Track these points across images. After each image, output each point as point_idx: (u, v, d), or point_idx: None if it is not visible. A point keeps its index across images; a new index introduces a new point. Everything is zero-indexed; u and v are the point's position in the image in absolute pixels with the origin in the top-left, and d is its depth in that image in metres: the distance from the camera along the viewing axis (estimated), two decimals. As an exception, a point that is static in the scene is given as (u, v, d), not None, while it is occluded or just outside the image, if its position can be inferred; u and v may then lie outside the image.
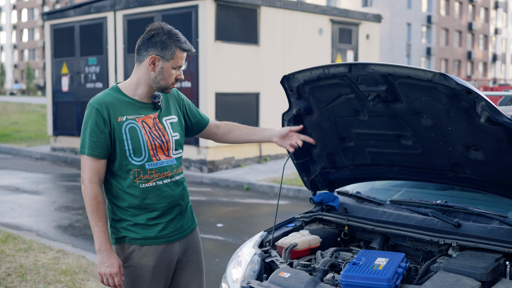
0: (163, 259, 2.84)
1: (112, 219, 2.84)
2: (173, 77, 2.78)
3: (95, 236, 2.73)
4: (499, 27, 68.85)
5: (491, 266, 2.63)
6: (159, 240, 2.82)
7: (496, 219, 2.97)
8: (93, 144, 2.70)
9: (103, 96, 2.76)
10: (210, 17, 12.16)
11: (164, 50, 2.74)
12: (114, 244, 2.84)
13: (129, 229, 2.79)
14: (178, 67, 2.77)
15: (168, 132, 2.85)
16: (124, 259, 2.81)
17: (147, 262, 2.79)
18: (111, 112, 2.72)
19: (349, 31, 15.69)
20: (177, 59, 2.76)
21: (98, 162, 2.72)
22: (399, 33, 51.18)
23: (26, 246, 6.24)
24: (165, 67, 2.75)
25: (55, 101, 15.87)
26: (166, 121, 2.87)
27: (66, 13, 15.40)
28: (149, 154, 2.77)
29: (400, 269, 2.64)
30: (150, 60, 2.75)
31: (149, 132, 2.78)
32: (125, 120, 2.74)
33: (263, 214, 8.80)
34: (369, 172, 3.50)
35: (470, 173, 2.98)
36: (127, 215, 2.79)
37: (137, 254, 2.80)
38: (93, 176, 2.71)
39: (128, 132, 2.73)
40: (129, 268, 2.80)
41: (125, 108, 2.76)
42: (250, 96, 13.30)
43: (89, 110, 2.73)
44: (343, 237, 3.45)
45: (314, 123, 3.30)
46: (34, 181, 11.76)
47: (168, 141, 2.83)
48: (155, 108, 2.84)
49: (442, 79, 2.52)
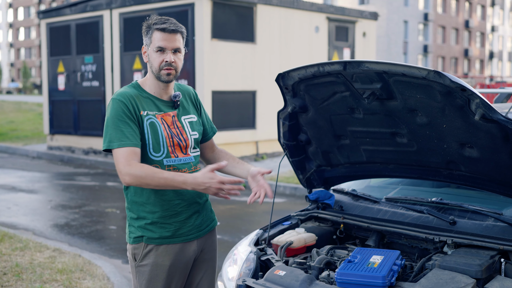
0: (180, 258, 2.82)
1: (130, 217, 2.82)
2: (157, 60, 2.72)
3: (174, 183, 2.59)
4: (495, 25, 68.92)
5: (486, 263, 2.64)
6: (176, 239, 2.80)
7: (491, 216, 2.97)
8: (126, 134, 2.64)
9: (125, 90, 2.75)
10: (206, 15, 12.15)
11: (146, 36, 2.75)
12: (132, 244, 2.81)
13: (147, 228, 2.77)
14: (158, 48, 2.71)
15: (187, 131, 2.84)
16: (141, 258, 2.79)
17: (163, 261, 2.78)
18: (135, 104, 2.70)
19: (346, 28, 15.69)
20: (154, 41, 2.72)
21: (134, 153, 2.63)
22: (396, 31, 51.20)
23: (22, 245, 6.22)
24: (149, 52, 2.75)
25: (52, 99, 15.84)
26: (185, 120, 2.86)
27: (62, 12, 15.36)
28: (167, 151, 2.76)
29: (396, 267, 2.64)
30: (143, 51, 2.79)
31: (168, 129, 2.77)
32: (146, 114, 2.73)
33: (260, 212, 8.81)
34: (364, 170, 3.51)
35: (465, 170, 2.99)
36: (145, 212, 2.76)
37: (153, 254, 2.78)
38: (130, 162, 2.61)
39: (149, 126, 2.72)
40: (146, 267, 2.79)
41: (146, 103, 2.75)
42: (246, 94, 13.30)
43: (113, 103, 2.68)
44: (339, 235, 3.46)
45: (310, 121, 3.30)
46: (31, 180, 11.74)
47: (186, 139, 2.82)
48: (174, 107, 2.84)
49: (437, 76, 2.53)
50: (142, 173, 2.59)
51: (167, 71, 2.73)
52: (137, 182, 2.61)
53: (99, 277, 5.35)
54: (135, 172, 2.59)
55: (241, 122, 13.22)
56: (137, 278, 2.83)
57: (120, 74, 13.91)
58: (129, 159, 2.61)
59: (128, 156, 2.62)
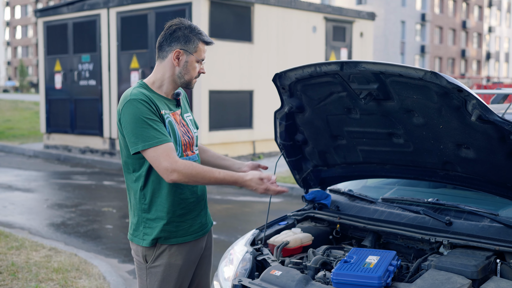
0: (190, 256, 2.86)
1: (146, 219, 2.76)
2: (196, 71, 2.79)
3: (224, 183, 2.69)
4: (492, 25, 69.03)
5: (482, 264, 2.64)
6: (188, 237, 2.82)
7: (487, 217, 2.97)
8: (159, 132, 2.61)
9: (140, 91, 2.68)
10: (203, 14, 12.14)
11: (188, 44, 2.74)
12: (146, 246, 2.77)
13: (164, 229, 2.75)
14: (201, 60, 2.79)
15: (191, 129, 2.88)
16: (154, 259, 2.79)
17: (176, 261, 2.80)
18: (154, 104, 2.68)
19: (343, 28, 15.70)
20: (200, 52, 2.76)
21: (172, 148, 2.62)
22: (393, 31, 51.26)
23: (18, 244, 6.21)
24: (189, 60, 2.75)
25: (48, 98, 15.81)
26: (187, 118, 2.89)
27: (59, 10, 15.35)
28: (181, 150, 2.77)
29: (391, 267, 2.64)
30: (175, 54, 2.74)
31: (179, 128, 2.79)
32: (165, 114, 2.73)
33: (256, 211, 8.81)
34: (361, 170, 3.51)
35: (461, 171, 2.99)
36: (163, 212, 2.74)
37: (167, 254, 2.78)
38: (174, 157, 2.60)
39: (169, 126, 2.73)
40: (159, 268, 2.79)
41: (160, 103, 2.74)
42: (244, 94, 13.30)
43: (134, 104, 2.62)
44: (335, 235, 3.45)
45: (306, 121, 3.30)
46: (27, 178, 11.72)
47: (192, 137, 2.85)
48: (177, 105, 2.86)
49: (433, 77, 2.53)
50: (192, 171, 2.60)
51: (196, 80, 2.84)
52: (185, 179, 2.61)
53: (95, 276, 5.35)
54: (184, 170, 2.59)
55: (238, 122, 13.22)
56: (148, 279, 2.81)
57: (117, 73, 13.89)
58: (172, 156, 2.60)
59: (170, 152, 2.60)
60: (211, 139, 12.50)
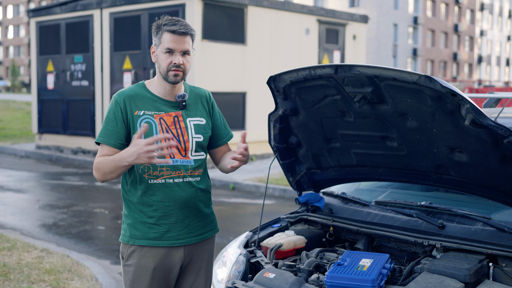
0: (165, 262, 2.78)
1: (124, 214, 2.84)
2: (166, 62, 2.73)
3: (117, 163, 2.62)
4: (484, 29, 69.35)
5: (475, 267, 2.65)
6: (162, 242, 2.76)
7: (480, 221, 2.99)
8: (109, 133, 2.73)
9: (125, 90, 2.81)
10: (197, 16, 12.14)
11: (156, 37, 2.77)
12: (121, 242, 2.83)
13: (136, 227, 2.76)
14: (167, 50, 2.72)
15: (190, 133, 2.81)
16: (126, 257, 2.79)
17: (147, 263, 2.76)
18: (128, 104, 2.74)
19: (336, 31, 15.74)
20: (164, 42, 2.73)
21: (109, 151, 2.72)
22: (385, 34, 51.39)
23: (10, 245, 6.19)
24: (158, 53, 2.76)
25: (40, 98, 15.75)
26: (190, 122, 2.83)
27: (52, 10, 15.29)
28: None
29: (385, 270, 2.65)
30: (152, 51, 2.80)
31: (166, 129, 2.76)
32: (142, 114, 2.75)
33: (249, 213, 8.81)
34: (354, 173, 3.52)
35: (455, 175, 3.01)
36: (136, 211, 2.77)
37: (137, 254, 2.76)
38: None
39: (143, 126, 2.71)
40: (130, 267, 2.78)
41: (144, 103, 2.77)
42: (236, 96, 13.30)
43: (111, 102, 2.79)
44: (328, 238, 3.46)
45: (300, 123, 3.30)
46: (19, 179, 11.67)
47: (186, 141, 2.79)
48: (180, 107, 2.82)
49: (428, 81, 2.54)
50: (98, 163, 2.71)
51: (175, 72, 2.74)
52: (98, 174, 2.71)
53: (87, 277, 5.33)
54: (95, 164, 2.72)
55: (230, 123, 13.14)
56: (124, 276, 2.83)
57: (110, 74, 13.86)
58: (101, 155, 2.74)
59: (102, 153, 2.74)
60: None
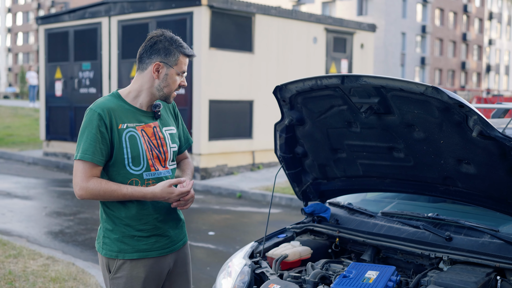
0: (155, 270, 2.80)
1: (106, 229, 2.78)
2: (176, 84, 2.76)
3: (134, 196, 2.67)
4: (493, 38, 69.21)
5: (482, 280, 2.62)
6: (152, 252, 2.78)
7: (487, 233, 2.96)
8: (93, 149, 2.64)
9: (104, 102, 2.72)
10: (204, 24, 12.16)
11: (168, 56, 2.72)
12: (105, 256, 2.77)
13: (124, 241, 2.74)
14: (182, 72, 2.76)
15: (168, 142, 2.82)
16: (115, 270, 2.76)
17: (138, 274, 2.76)
18: (113, 118, 2.68)
19: (344, 40, 15.73)
20: (180, 65, 2.74)
21: (94, 169, 2.66)
22: (393, 43, 51.36)
23: (16, 252, 6.19)
24: (169, 73, 2.73)
25: (48, 105, 15.81)
26: (166, 132, 2.84)
27: (60, 18, 15.37)
28: (147, 164, 2.74)
29: (391, 283, 2.63)
30: (154, 67, 2.72)
31: (148, 141, 2.74)
32: (126, 127, 2.70)
33: (255, 222, 8.78)
34: (360, 184, 3.49)
35: (462, 186, 2.98)
36: (122, 225, 2.74)
37: (128, 266, 2.75)
38: (88, 177, 2.65)
39: (128, 140, 2.69)
40: (120, 279, 2.76)
41: (125, 115, 2.72)
42: (243, 104, 13.29)
43: (90, 114, 2.67)
44: (334, 249, 3.44)
45: (306, 133, 3.29)
46: (26, 186, 11.70)
47: (166, 152, 2.80)
48: (155, 117, 2.82)
49: (435, 92, 2.52)
50: (100, 191, 2.64)
51: (175, 92, 2.81)
52: (92, 197, 2.67)
53: (92, 286, 5.32)
54: (93, 188, 2.64)
55: (237, 132, 13.20)
56: None
57: (118, 81, 13.90)
58: (88, 175, 2.65)
59: (88, 171, 2.65)
60: (211, 148, 12.49)
